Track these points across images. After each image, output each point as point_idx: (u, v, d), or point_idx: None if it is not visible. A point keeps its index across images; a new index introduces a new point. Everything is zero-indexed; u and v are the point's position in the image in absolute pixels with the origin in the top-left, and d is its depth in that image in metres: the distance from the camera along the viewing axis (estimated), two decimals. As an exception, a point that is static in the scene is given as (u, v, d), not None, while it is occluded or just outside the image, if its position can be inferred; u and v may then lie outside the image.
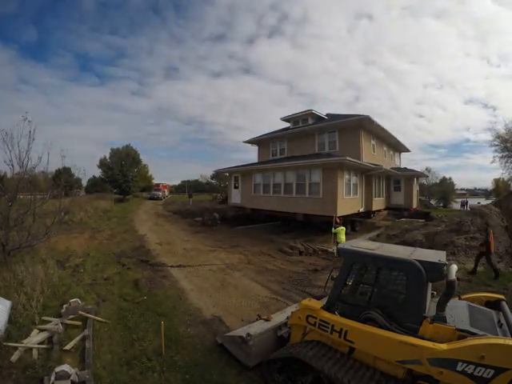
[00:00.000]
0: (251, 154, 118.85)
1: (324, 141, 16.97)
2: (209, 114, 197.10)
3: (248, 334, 4.06)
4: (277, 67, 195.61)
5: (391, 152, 21.02)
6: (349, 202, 13.71)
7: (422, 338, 2.75)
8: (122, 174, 32.22)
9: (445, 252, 3.83)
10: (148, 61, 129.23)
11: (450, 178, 48.58)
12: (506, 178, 28.95)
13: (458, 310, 3.15)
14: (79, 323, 4.89)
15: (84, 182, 35.77)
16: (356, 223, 15.34)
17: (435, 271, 2.94)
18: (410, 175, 19.64)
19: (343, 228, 10.39)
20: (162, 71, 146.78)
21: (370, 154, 16.52)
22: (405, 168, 21.90)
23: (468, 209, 27.44)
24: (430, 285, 3.28)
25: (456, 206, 40.07)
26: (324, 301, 3.71)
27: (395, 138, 19.37)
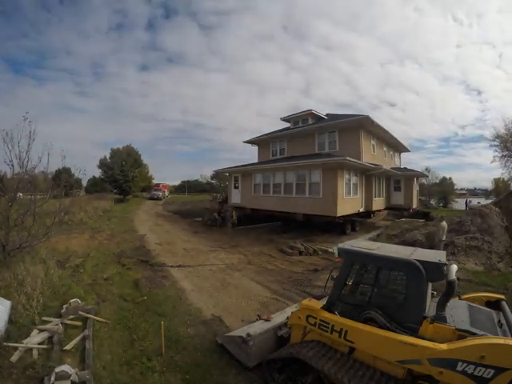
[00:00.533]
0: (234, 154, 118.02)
1: (324, 141, 16.97)
2: (162, 112, 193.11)
3: (248, 334, 4.06)
4: (202, 55, 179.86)
5: (391, 152, 21.03)
6: (349, 202, 13.71)
7: (422, 338, 2.75)
8: (123, 174, 32.24)
9: (445, 252, 3.84)
10: (71, 60, 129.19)
11: (450, 178, 48.63)
12: (506, 178, 29.02)
13: (458, 310, 3.15)
14: (79, 323, 4.89)
15: (84, 182, 35.80)
16: (356, 223, 15.35)
17: (435, 271, 2.94)
18: (410, 175, 19.63)
19: None
20: (88, 69, 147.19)
21: (370, 154, 16.52)
22: (405, 168, 21.89)
23: (467, 208, 27.45)
24: (430, 285, 3.29)
25: (456, 205, 40.09)
26: (324, 301, 3.71)
27: (395, 138, 19.38)
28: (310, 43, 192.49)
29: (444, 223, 9.55)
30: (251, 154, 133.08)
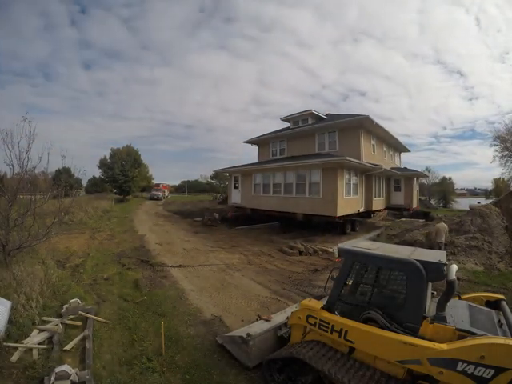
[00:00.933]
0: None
1: (324, 141, 16.98)
2: (125, 111, 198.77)
3: (248, 334, 4.06)
4: (136, 50, 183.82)
5: (391, 152, 21.03)
6: (349, 201, 13.72)
7: (423, 338, 2.75)
8: (123, 174, 32.23)
9: (445, 252, 3.84)
10: (20, 64, 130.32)
11: (450, 178, 48.70)
12: (506, 178, 29.05)
13: (458, 310, 3.15)
14: (79, 323, 4.89)
15: (84, 182, 35.80)
16: (356, 223, 15.35)
17: (435, 271, 2.94)
18: (410, 175, 19.64)
19: None
20: (39, 72, 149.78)
21: (370, 154, 16.53)
22: (405, 168, 21.91)
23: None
24: (430, 285, 3.29)
25: (456, 205, 40.12)
26: (324, 301, 3.71)
27: (395, 138, 19.41)
28: (243, 26, 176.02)
29: (438, 225, 9.31)
30: (242, 154, 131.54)
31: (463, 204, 38.12)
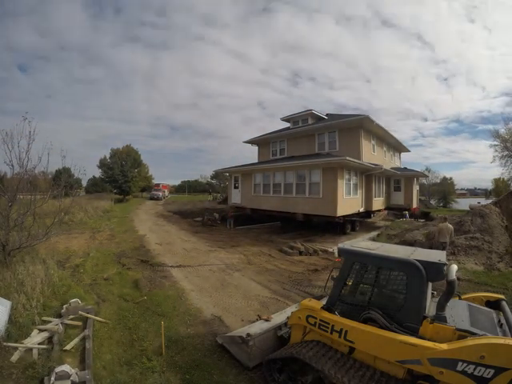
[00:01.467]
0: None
1: (324, 141, 16.99)
2: (82, 111, 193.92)
3: (248, 334, 4.06)
4: (52, 50, 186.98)
5: (391, 152, 21.04)
6: (349, 201, 13.72)
7: (423, 338, 2.75)
8: (123, 174, 32.25)
9: (445, 252, 3.84)
10: None
11: (451, 178, 48.72)
12: (506, 178, 29.06)
13: (458, 310, 3.15)
14: (79, 323, 4.89)
15: (84, 182, 35.80)
16: (356, 223, 15.34)
17: (435, 271, 2.94)
18: (410, 175, 19.64)
19: None
20: None
21: (370, 153, 16.53)
22: (405, 168, 21.92)
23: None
24: (430, 285, 3.29)
25: (456, 205, 40.14)
26: (324, 301, 3.71)
27: (395, 138, 19.41)
28: (136, 13, 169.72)
29: (441, 225, 9.30)
30: (220, 154, 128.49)
31: (463, 204, 38.15)
